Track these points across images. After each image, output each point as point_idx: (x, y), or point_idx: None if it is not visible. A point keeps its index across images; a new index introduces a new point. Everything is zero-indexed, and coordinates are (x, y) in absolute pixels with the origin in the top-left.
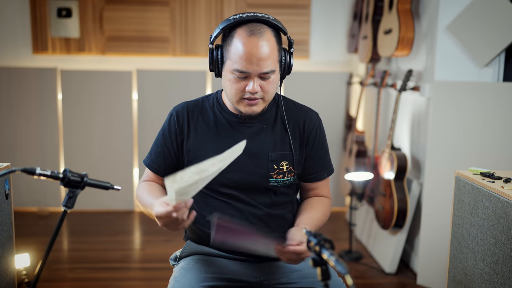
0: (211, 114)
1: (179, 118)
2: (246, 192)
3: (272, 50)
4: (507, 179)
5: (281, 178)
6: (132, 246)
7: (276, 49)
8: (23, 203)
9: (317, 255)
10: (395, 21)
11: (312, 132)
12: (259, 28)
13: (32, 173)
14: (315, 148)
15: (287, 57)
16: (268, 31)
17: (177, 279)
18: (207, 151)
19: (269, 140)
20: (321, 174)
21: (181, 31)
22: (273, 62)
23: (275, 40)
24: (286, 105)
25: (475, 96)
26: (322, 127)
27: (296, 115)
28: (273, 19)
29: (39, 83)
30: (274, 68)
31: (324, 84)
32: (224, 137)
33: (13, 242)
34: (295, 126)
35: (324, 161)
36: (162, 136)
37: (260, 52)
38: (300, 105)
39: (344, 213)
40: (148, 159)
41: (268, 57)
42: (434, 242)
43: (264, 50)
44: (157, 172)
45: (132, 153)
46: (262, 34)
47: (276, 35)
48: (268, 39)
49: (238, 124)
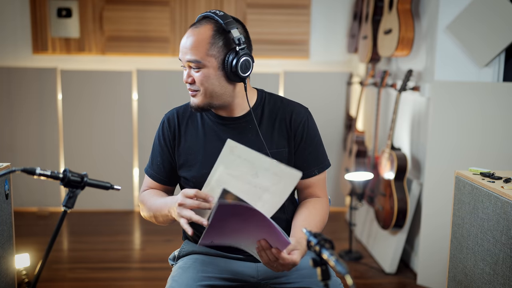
0: (199, 117)
1: (170, 124)
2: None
3: (200, 41)
4: (507, 179)
5: None
6: (132, 246)
7: (208, 42)
8: (23, 203)
9: (317, 255)
10: (395, 21)
11: (299, 127)
12: (202, 22)
13: (32, 173)
14: (303, 144)
15: (230, 56)
16: (207, 25)
17: (174, 279)
18: (196, 154)
19: (255, 139)
20: (311, 171)
21: (181, 31)
22: (199, 53)
23: (211, 34)
24: (273, 103)
25: (475, 96)
26: (311, 122)
27: (282, 111)
28: (221, 15)
29: (39, 83)
30: (198, 59)
31: (324, 84)
32: (211, 140)
33: (13, 242)
34: (282, 122)
35: (314, 157)
36: (159, 145)
37: (186, 41)
38: (288, 101)
39: (344, 213)
40: (150, 169)
41: (191, 46)
42: (434, 242)
43: (189, 39)
44: (159, 181)
45: (132, 153)
46: (197, 26)
47: (218, 30)
48: (201, 31)
49: (223, 125)
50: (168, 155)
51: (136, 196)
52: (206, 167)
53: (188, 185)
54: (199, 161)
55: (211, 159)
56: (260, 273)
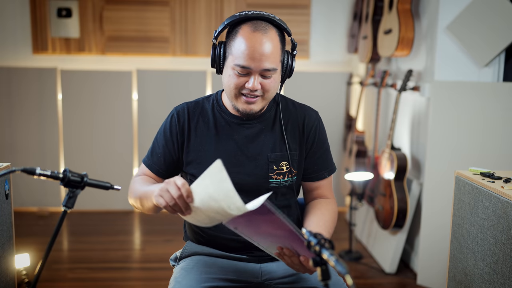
0: (211, 115)
1: (179, 118)
2: (247, 194)
3: (275, 48)
4: (507, 179)
5: (281, 179)
6: (132, 246)
7: (279, 48)
8: (23, 203)
9: (317, 255)
10: (395, 21)
11: (312, 130)
12: (264, 25)
13: (32, 173)
14: (315, 147)
15: (290, 59)
16: (272, 29)
17: (177, 280)
18: (207, 152)
19: (268, 141)
20: (322, 173)
21: (181, 31)
22: (275, 60)
23: (279, 40)
24: (285, 105)
25: (475, 96)
26: (321, 126)
27: (295, 115)
28: (278, 19)
29: (39, 83)
30: (275, 67)
31: (324, 84)
32: (224, 139)
33: (13, 242)
34: (294, 125)
35: (324, 160)
36: (163, 136)
37: (262, 48)
38: (300, 105)
39: (344, 213)
40: (149, 159)
41: (270, 54)
42: (434, 242)
43: (267, 46)
44: (157, 173)
45: (132, 153)
46: (266, 31)
47: (280, 35)
48: (271, 37)
49: (238, 125)
50: (171, 148)
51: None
52: None
53: None
54: (210, 158)
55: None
56: (263, 274)
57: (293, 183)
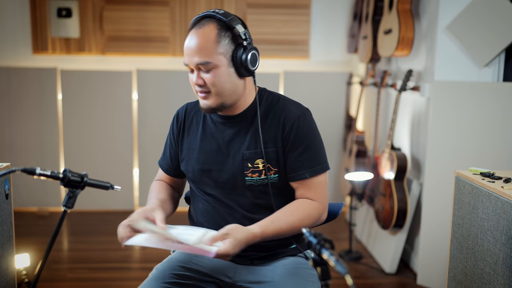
0: (202, 115)
1: (178, 118)
2: (226, 192)
3: (206, 42)
4: (507, 179)
5: (257, 177)
6: (132, 246)
7: (214, 42)
8: (23, 203)
9: (317, 255)
10: (395, 21)
11: (289, 126)
12: (203, 22)
13: (32, 173)
14: (293, 145)
15: (240, 51)
16: (211, 25)
17: (157, 267)
18: (193, 151)
19: (246, 138)
20: (301, 174)
21: (181, 31)
22: (208, 54)
23: (217, 33)
24: (270, 101)
25: (475, 96)
26: (304, 122)
27: (276, 110)
28: (222, 13)
29: (39, 83)
30: (208, 60)
31: (324, 84)
32: (208, 138)
33: (13, 242)
34: (273, 121)
35: (306, 159)
36: (168, 136)
37: (192, 43)
38: (285, 100)
39: (344, 213)
40: (161, 159)
41: (199, 48)
42: (434, 242)
43: (195, 41)
44: (167, 172)
45: (132, 153)
46: (200, 27)
47: (222, 28)
48: (204, 32)
49: (222, 124)
50: (175, 147)
51: (136, 196)
52: (199, 163)
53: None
54: (195, 157)
55: (205, 157)
56: (237, 275)
57: (277, 182)
